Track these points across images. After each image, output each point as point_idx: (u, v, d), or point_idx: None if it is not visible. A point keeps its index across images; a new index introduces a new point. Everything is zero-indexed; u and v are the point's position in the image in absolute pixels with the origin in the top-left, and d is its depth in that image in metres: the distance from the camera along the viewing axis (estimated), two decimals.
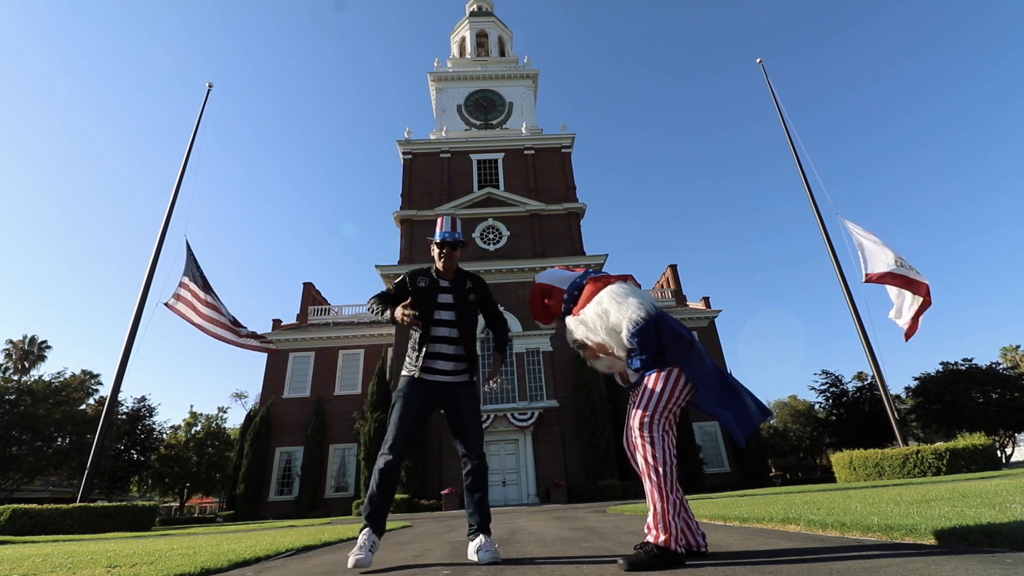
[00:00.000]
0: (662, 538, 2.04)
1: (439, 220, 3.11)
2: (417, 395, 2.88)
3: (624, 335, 2.29)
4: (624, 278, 2.51)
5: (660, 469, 2.13)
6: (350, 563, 2.53)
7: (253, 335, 14.38)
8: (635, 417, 2.25)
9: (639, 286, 2.53)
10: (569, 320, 2.52)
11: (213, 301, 13.93)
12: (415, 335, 2.95)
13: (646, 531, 2.14)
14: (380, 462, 2.75)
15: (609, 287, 2.43)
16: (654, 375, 2.27)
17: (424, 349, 2.87)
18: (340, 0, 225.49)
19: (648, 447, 2.17)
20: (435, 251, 3.06)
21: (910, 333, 14.02)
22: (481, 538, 2.66)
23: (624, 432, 2.45)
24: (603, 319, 2.36)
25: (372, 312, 2.98)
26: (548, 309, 2.65)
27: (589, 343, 2.44)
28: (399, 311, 2.77)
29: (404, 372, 2.97)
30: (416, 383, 2.89)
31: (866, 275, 14.20)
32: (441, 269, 3.06)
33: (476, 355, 3.02)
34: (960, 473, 11.15)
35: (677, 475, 2.17)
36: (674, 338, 2.34)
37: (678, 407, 2.28)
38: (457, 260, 3.09)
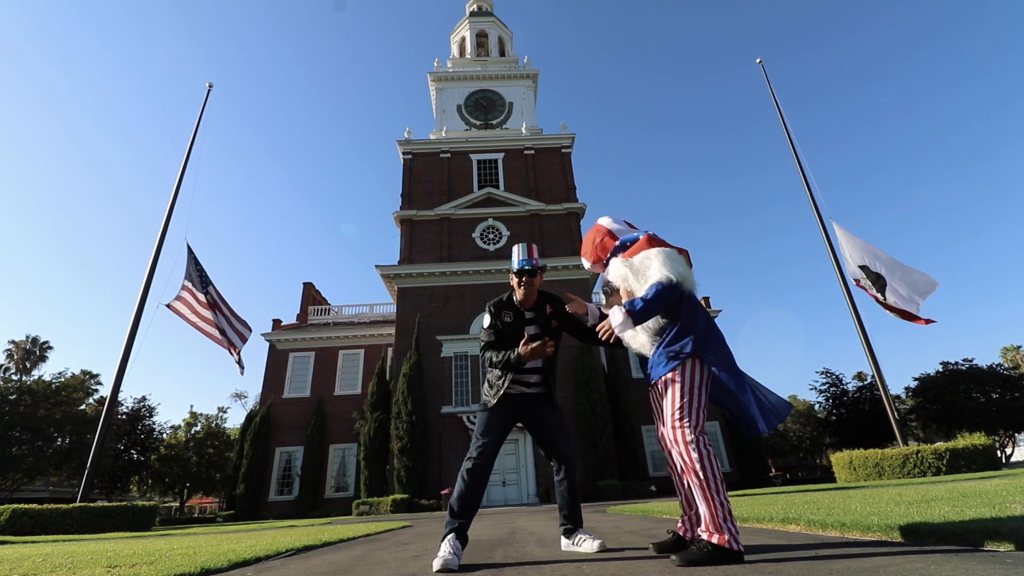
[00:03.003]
0: (716, 537, 2.05)
1: (515, 249, 3.00)
2: (502, 408, 2.90)
3: (649, 282, 2.35)
4: (681, 250, 2.58)
5: (707, 472, 2.13)
6: (436, 566, 2.38)
7: (239, 359, 14.20)
8: (675, 425, 2.23)
9: (690, 264, 2.59)
10: (615, 262, 2.60)
11: (212, 302, 13.88)
12: (494, 369, 2.93)
13: (701, 532, 2.13)
14: (469, 464, 2.76)
15: (665, 248, 2.50)
16: (679, 372, 2.27)
17: (510, 378, 2.88)
18: (340, 0, 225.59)
19: (693, 452, 2.16)
20: (514, 280, 2.97)
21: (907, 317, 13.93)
22: (583, 532, 2.85)
23: (660, 430, 2.42)
24: (644, 269, 2.43)
25: (498, 365, 2.85)
26: (600, 246, 2.73)
27: (624, 287, 2.50)
28: (523, 349, 2.71)
29: (486, 397, 2.97)
30: (500, 400, 2.89)
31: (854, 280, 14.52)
32: (521, 298, 2.97)
33: (555, 379, 3.11)
34: (960, 473, 11.15)
35: (721, 476, 2.17)
36: (694, 317, 2.37)
37: (707, 401, 2.31)
38: (538, 287, 2.98)
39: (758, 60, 18.86)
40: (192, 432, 39.95)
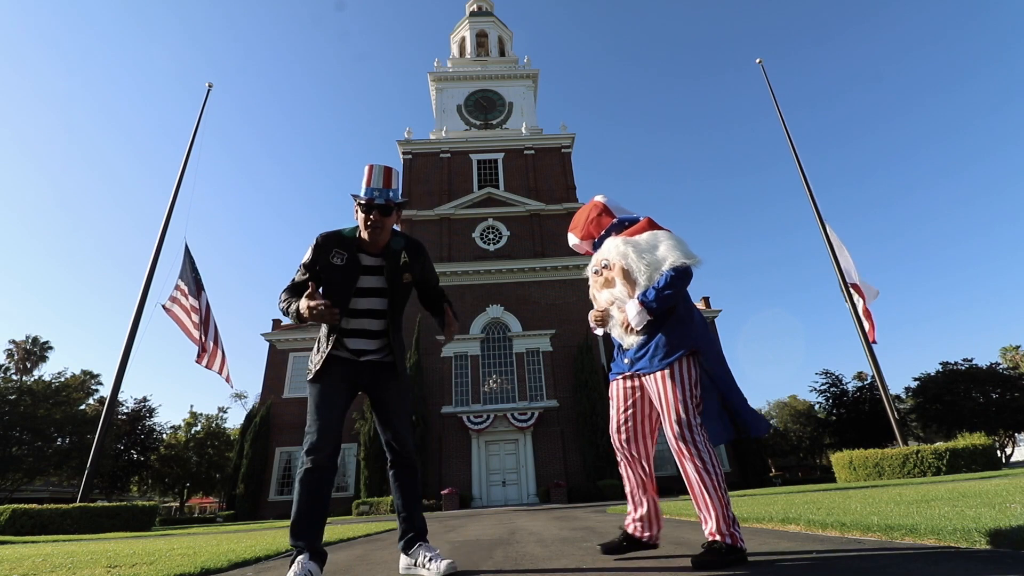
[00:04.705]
0: (728, 538, 2.00)
1: (366, 170, 2.31)
2: (332, 376, 2.27)
3: (665, 267, 2.23)
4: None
5: (713, 470, 2.06)
6: None
7: (217, 364, 14.30)
8: (681, 421, 2.11)
9: None
10: (613, 239, 2.43)
11: (198, 306, 13.93)
12: (323, 328, 2.33)
13: (707, 535, 2.06)
14: (308, 462, 2.13)
15: (670, 232, 2.41)
16: (677, 367, 2.16)
17: (334, 339, 2.29)
18: (340, 0, 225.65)
19: (695, 451, 2.08)
20: (359, 216, 2.31)
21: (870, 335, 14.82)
22: (425, 548, 2.26)
23: (617, 425, 2.36)
24: (651, 249, 2.29)
25: (284, 311, 2.28)
26: (596, 223, 2.56)
27: (621, 264, 2.31)
28: (304, 304, 2.13)
29: (310, 364, 2.37)
30: (336, 363, 2.29)
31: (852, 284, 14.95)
32: (367, 239, 2.33)
33: (403, 343, 2.46)
34: (960, 473, 11.15)
35: (723, 474, 2.11)
36: (690, 308, 2.31)
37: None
38: (390, 229, 2.35)
39: (758, 60, 18.86)
40: (192, 432, 39.95)
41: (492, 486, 21.40)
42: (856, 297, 14.89)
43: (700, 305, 30.42)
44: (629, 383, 2.36)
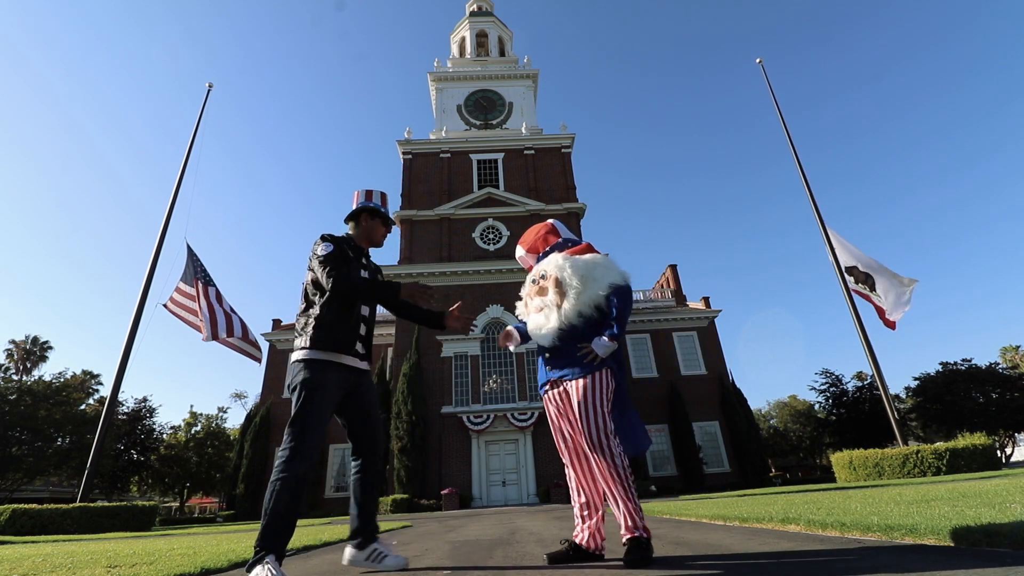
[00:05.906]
0: (640, 532, 2.18)
1: (366, 192, 2.81)
2: (335, 385, 2.36)
3: (604, 283, 2.42)
4: None
5: (625, 474, 2.24)
6: None
7: (251, 343, 14.23)
8: (598, 428, 2.27)
9: None
10: (554, 255, 2.62)
11: (212, 300, 13.82)
12: (320, 308, 2.43)
13: (624, 533, 2.21)
14: (295, 470, 2.16)
15: (606, 255, 2.65)
16: (598, 377, 2.33)
17: (358, 327, 2.50)
18: (340, 0, 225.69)
19: (611, 457, 2.25)
20: (366, 219, 2.75)
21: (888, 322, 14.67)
22: (379, 545, 2.40)
23: (560, 434, 2.49)
24: (590, 269, 2.48)
25: (352, 287, 2.39)
26: (543, 240, 2.79)
27: (556, 275, 2.48)
28: (461, 320, 2.61)
29: (317, 355, 2.35)
30: (334, 369, 2.36)
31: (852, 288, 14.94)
32: (375, 241, 2.78)
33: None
34: (960, 473, 11.14)
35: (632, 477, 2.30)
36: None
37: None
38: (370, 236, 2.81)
39: (758, 60, 18.85)
40: (192, 432, 39.93)
41: (492, 486, 21.39)
42: (857, 295, 14.85)
43: (700, 305, 30.40)
44: (557, 390, 2.48)
